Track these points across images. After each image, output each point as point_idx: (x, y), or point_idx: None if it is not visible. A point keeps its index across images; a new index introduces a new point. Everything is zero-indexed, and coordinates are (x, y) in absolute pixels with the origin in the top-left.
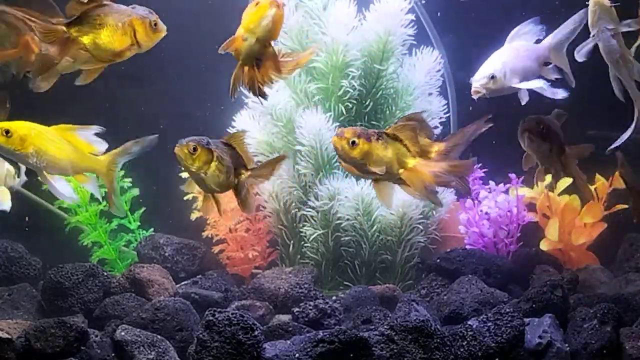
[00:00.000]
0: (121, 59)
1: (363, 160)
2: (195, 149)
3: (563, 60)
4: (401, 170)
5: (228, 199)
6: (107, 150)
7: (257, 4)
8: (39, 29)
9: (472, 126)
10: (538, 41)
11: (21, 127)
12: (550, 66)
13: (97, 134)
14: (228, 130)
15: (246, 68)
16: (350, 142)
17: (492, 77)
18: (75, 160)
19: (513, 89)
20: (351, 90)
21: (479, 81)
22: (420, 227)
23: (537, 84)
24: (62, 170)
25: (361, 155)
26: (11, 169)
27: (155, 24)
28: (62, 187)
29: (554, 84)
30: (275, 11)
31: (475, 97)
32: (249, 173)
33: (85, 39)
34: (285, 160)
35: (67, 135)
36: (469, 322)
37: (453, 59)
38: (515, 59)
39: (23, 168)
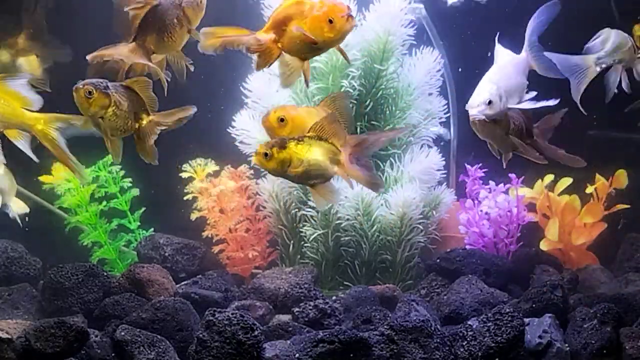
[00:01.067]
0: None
1: (284, 168)
2: (91, 93)
3: (546, 64)
4: (336, 169)
5: (228, 198)
6: None
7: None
8: (130, 55)
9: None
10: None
11: None
12: None
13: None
14: (228, 130)
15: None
16: (264, 155)
17: (490, 102)
18: (3, 113)
19: (510, 110)
20: (351, 90)
21: (476, 108)
22: (420, 227)
23: (528, 105)
24: None
25: (279, 165)
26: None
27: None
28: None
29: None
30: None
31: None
32: (150, 118)
33: (154, 46)
34: (192, 110)
35: None
36: (469, 322)
37: (453, 59)
38: (507, 78)
39: None
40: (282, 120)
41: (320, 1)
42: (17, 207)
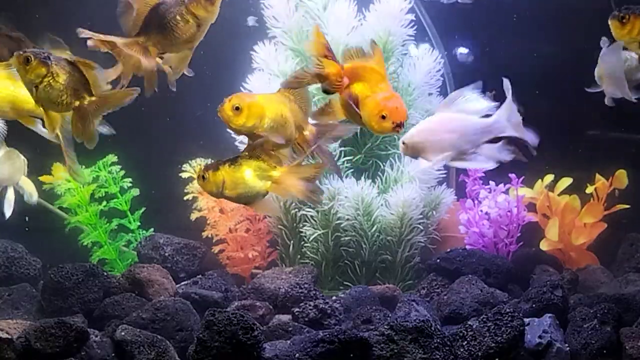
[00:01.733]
0: (195, 43)
1: (219, 189)
2: (28, 60)
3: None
4: (269, 184)
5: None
6: None
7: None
8: (125, 47)
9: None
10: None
11: None
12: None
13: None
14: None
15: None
16: (201, 178)
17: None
18: (17, 101)
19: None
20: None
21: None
22: (420, 227)
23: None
24: (2, 113)
25: (215, 187)
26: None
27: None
28: None
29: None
30: None
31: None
32: (91, 98)
33: (158, 44)
34: (135, 93)
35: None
36: (469, 322)
37: (453, 59)
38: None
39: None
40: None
41: (384, 96)
42: (28, 188)
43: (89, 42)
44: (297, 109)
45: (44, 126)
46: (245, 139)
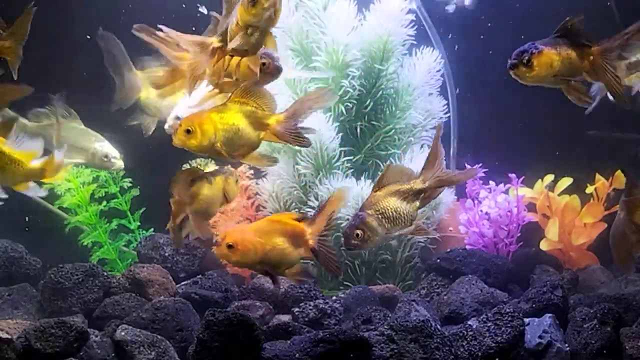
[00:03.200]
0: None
1: (213, 142)
2: None
3: None
4: (262, 134)
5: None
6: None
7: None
8: (191, 46)
9: (311, 97)
10: None
11: None
12: None
13: None
14: None
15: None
16: (186, 131)
17: (178, 118)
18: None
19: None
20: (351, 90)
21: (168, 122)
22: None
23: None
24: None
25: (207, 139)
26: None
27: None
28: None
29: None
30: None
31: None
32: None
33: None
34: (28, 90)
35: None
36: (469, 322)
37: (454, 59)
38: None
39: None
40: (188, 131)
41: None
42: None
43: (136, 27)
44: (252, 111)
45: None
46: None
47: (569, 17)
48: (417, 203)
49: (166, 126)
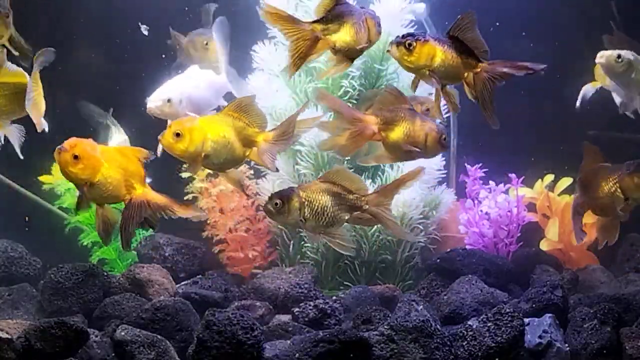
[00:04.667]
0: (358, 55)
1: (201, 149)
2: None
3: (241, 89)
4: (248, 152)
5: (227, 199)
6: None
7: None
8: (288, 31)
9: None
10: None
11: None
12: None
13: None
14: None
15: None
16: (175, 134)
17: (169, 100)
18: None
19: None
20: (351, 90)
21: (154, 102)
22: (420, 227)
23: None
24: None
25: (194, 145)
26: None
27: (379, 25)
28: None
29: None
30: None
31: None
32: None
33: (334, 37)
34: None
35: None
36: (469, 322)
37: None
38: (195, 88)
39: None
40: (178, 135)
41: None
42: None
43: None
44: (242, 127)
45: None
46: None
47: (460, 16)
48: (347, 216)
49: (151, 104)
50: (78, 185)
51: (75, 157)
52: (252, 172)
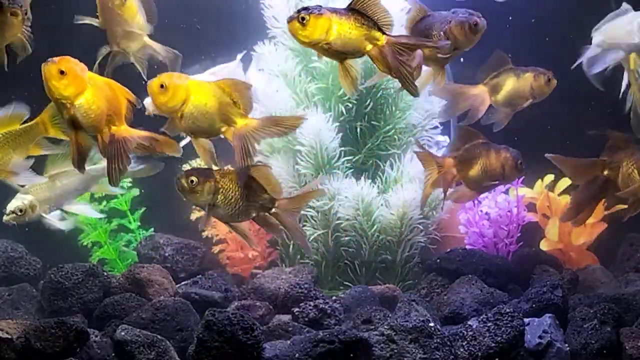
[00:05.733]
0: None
1: (180, 106)
2: None
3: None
4: (224, 128)
5: None
6: None
7: None
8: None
9: (282, 120)
10: None
11: None
12: None
13: None
14: None
15: None
16: (160, 86)
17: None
18: None
19: None
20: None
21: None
22: (420, 227)
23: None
24: None
25: (175, 100)
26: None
27: (475, 24)
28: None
29: None
30: None
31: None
32: None
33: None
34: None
35: None
36: (469, 322)
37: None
38: None
39: None
40: (162, 86)
41: None
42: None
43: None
44: (228, 103)
45: None
46: None
47: None
48: (254, 213)
49: (149, 107)
50: (57, 103)
51: (61, 72)
52: None
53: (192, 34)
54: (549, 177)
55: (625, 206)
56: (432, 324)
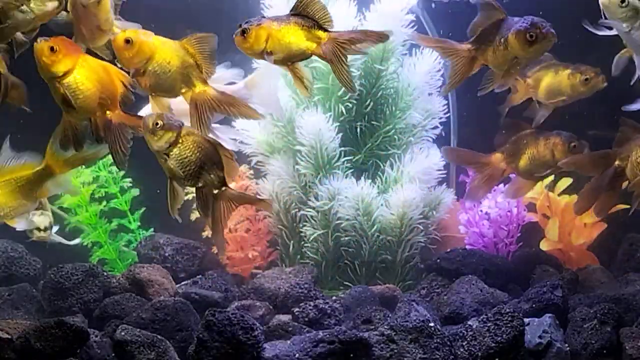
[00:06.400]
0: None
1: (143, 62)
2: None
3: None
4: (184, 90)
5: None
6: None
7: None
8: (446, 52)
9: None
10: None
11: None
12: None
13: None
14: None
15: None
16: (125, 41)
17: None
18: None
19: None
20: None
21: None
22: (420, 227)
23: None
24: None
25: (139, 56)
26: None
27: (533, 35)
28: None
29: None
30: None
31: None
32: None
33: (486, 56)
34: None
35: None
36: (469, 322)
37: None
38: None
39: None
40: (128, 41)
41: None
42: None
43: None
44: (190, 65)
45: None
46: (244, 138)
47: None
48: (200, 184)
49: (145, 110)
50: (49, 83)
51: (52, 48)
52: (252, 172)
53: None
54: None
55: (626, 206)
56: (432, 324)
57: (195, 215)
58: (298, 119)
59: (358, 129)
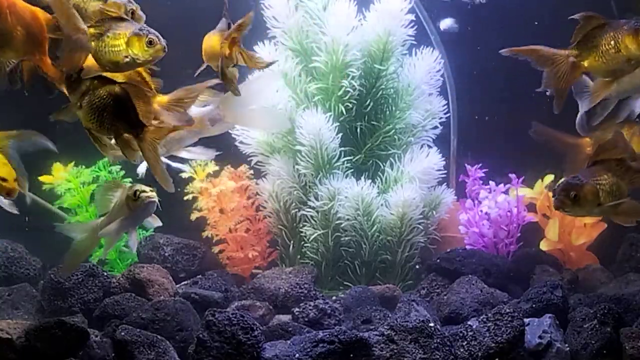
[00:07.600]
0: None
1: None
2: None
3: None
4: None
5: (228, 199)
6: None
7: None
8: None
9: (200, 85)
10: None
11: None
12: None
13: None
14: (228, 130)
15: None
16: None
17: None
18: None
19: None
20: (351, 90)
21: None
22: (420, 227)
23: None
24: None
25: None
26: None
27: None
28: None
29: None
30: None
31: None
32: None
33: (586, 63)
34: None
35: None
36: (469, 322)
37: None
38: None
39: None
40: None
41: None
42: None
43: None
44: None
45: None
46: (244, 138)
47: None
48: (121, 130)
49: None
50: None
51: None
52: (252, 172)
53: (191, 34)
54: (549, 177)
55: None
56: (432, 324)
57: (195, 215)
58: (298, 119)
59: (358, 129)
